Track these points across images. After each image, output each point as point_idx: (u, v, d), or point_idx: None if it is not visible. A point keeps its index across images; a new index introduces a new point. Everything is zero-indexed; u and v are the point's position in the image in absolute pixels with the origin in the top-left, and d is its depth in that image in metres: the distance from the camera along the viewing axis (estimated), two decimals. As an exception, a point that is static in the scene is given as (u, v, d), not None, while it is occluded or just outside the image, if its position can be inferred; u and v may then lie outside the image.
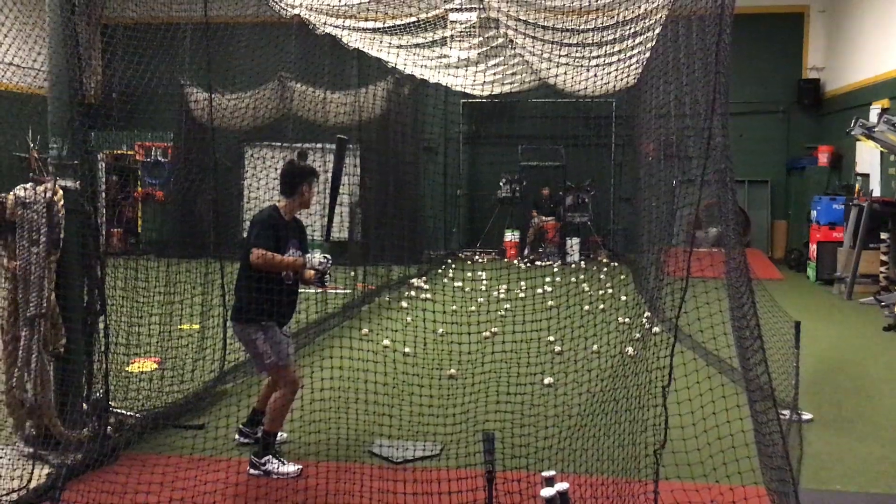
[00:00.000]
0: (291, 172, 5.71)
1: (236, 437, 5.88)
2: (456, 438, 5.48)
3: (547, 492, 3.06)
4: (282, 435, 5.84)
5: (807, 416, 6.65)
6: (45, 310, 5.16)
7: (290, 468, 5.33)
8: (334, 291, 11.14)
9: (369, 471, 5.08)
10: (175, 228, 15.45)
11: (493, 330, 9.08)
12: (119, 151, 18.31)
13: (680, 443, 4.58)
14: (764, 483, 4.32)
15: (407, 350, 8.31)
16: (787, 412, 6.40)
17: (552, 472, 3.23)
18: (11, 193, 5.18)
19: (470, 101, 18.00)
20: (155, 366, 7.49)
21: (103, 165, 18.35)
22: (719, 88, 4.45)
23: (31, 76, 5.80)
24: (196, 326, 7.77)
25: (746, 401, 4.44)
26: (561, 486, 3.11)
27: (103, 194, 18.47)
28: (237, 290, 5.64)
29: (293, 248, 5.62)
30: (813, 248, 15.12)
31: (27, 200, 5.15)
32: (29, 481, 4.51)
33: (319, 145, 13.92)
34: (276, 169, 12.17)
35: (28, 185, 5.21)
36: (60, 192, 5.28)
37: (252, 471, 5.34)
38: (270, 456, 5.37)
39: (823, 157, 16.76)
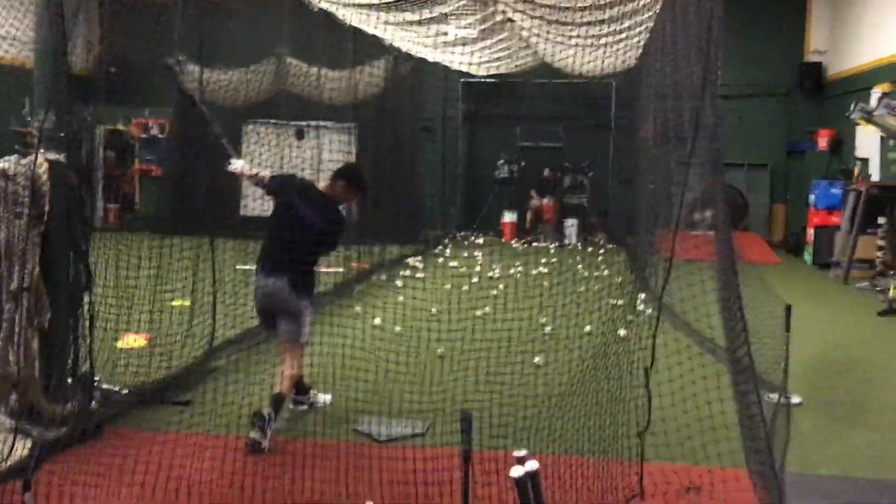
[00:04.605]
0: (350, 170, 6.27)
1: (290, 406, 6.01)
2: (444, 418, 5.46)
3: (516, 471, 3.03)
4: (326, 397, 6.18)
5: (796, 399, 6.62)
6: (29, 283, 5.12)
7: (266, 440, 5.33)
8: (326, 271, 11.09)
9: (352, 448, 5.08)
10: (172, 205, 15.42)
11: (486, 310, 9.05)
12: (116, 127, 18.25)
13: (665, 423, 4.56)
14: (746, 465, 4.31)
15: (398, 329, 8.28)
16: (775, 395, 6.38)
17: (523, 452, 3.20)
18: (-5, 166, 5.14)
19: (469, 80, 17.88)
20: (145, 342, 7.46)
21: (101, 140, 18.33)
22: (710, 68, 4.40)
23: (27, 49, 5.75)
24: (187, 303, 7.76)
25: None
26: (531, 465, 3.07)
27: (101, 170, 18.46)
28: (297, 262, 5.74)
29: (307, 210, 5.77)
30: (810, 232, 15.08)
31: (10, 173, 5.10)
32: (8, 456, 4.48)
33: (315, 123, 13.89)
34: (274, 145, 12.16)
35: (11, 158, 5.16)
36: (45, 164, 5.22)
37: (253, 433, 5.29)
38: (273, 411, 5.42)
39: (823, 141, 16.66)
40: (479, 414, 5.01)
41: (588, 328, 7.97)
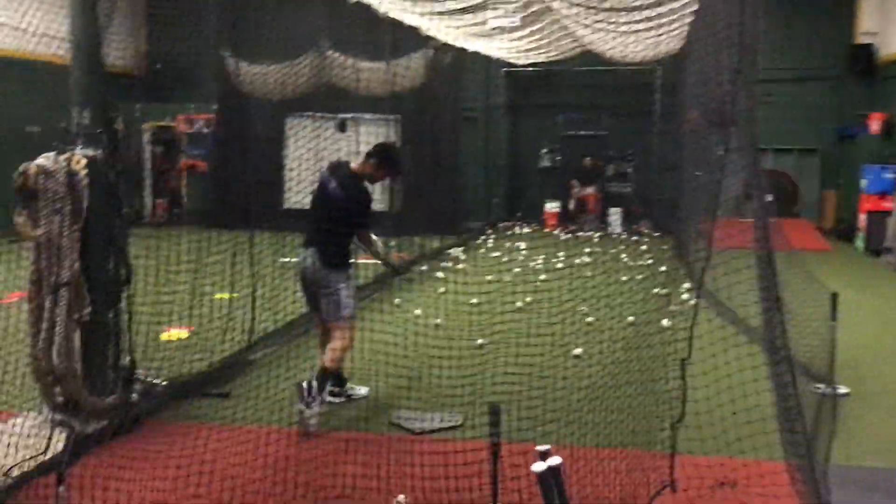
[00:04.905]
0: (381, 149, 6.12)
1: (328, 398, 5.87)
2: (479, 409, 5.42)
3: (538, 467, 2.96)
4: (362, 390, 6.16)
5: (843, 389, 6.47)
6: (69, 278, 5.19)
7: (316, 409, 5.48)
8: (367, 262, 11.11)
9: (387, 441, 5.07)
10: (216, 199, 15.61)
11: (527, 300, 8.98)
12: (162, 123, 18.50)
13: (700, 416, 4.46)
14: (784, 458, 4.20)
15: (438, 321, 8.26)
16: (822, 385, 6.23)
17: (546, 447, 3.13)
18: (34, 163, 5.21)
19: (511, 70, 17.77)
20: (188, 334, 7.54)
21: (148, 137, 18.62)
22: (745, 50, 4.30)
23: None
24: (233, 295, 7.84)
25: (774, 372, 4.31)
26: (553, 460, 3.00)
27: (148, 165, 18.76)
28: (326, 237, 5.82)
29: (333, 184, 5.94)
30: (862, 217, 14.72)
31: (49, 169, 5.18)
32: (47, 448, 4.55)
33: (362, 115, 13.93)
34: (317, 137, 12.21)
35: (50, 155, 5.24)
36: (83, 161, 5.29)
37: (300, 404, 5.45)
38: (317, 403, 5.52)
39: (875, 125, 16.22)
40: (516, 406, 4.97)
41: (631, 318, 7.87)
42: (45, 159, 5.23)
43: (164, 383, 6.06)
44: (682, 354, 4.21)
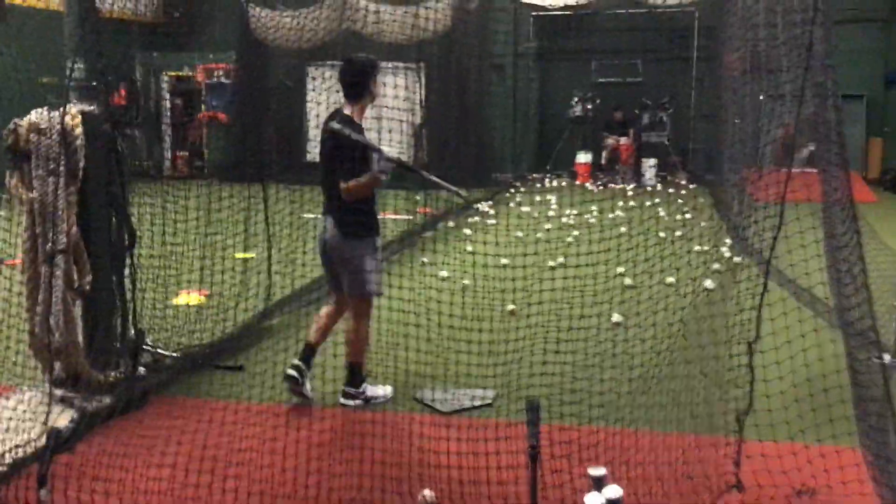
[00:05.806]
0: (355, 72, 5.16)
1: (289, 371, 5.19)
2: (515, 383, 4.98)
3: (593, 499, 2.47)
4: (381, 390, 5.35)
5: (906, 360, 5.95)
6: (67, 245, 4.77)
7: (382, 390, 5.29)
8: (393, 217, 10.66)
9: (413, 420, 4.65)
10: (237, 152, 15.21)
11: (559, 260, 8.50)
12: (181, 73, 18.04)
13: (771, 399, 3.96)
14: (860, 445, 3.72)
15: (466, 282, 7.81)
16: (886, 357, 5.74)
17: (602, 471, 2.63)
18: (26, 119, 4.77)
19: (540, 14, 17.08)
20: (203, 299, 7.16)
21: (167, 87, 18.19)
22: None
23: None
24: (251, 255, 7.43)
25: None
26: (612, 491, 2.50)
27: (168, 117, 18.36)
28: (339, 201, 4.99)
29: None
30: (911, 167, 14.05)
31: (42, 126, 4.73)
32: (42, 433, 4.17)
33: (388, 64, 13.36)
34: (337, 89, 11.70)
35: (42, 110, 4.78)
36: (78, 116, 4.84)
37: (348, 402, 5.13)
38: (366, 384, 5.22)
39: (925, 69, 15.47)
40: (552, 381, 4.53)
41: (671, 279, 7.36)
42: (37, 115, 4.78)
43: (175, 354, 5.68)
44: (746, 336, 3.71)
